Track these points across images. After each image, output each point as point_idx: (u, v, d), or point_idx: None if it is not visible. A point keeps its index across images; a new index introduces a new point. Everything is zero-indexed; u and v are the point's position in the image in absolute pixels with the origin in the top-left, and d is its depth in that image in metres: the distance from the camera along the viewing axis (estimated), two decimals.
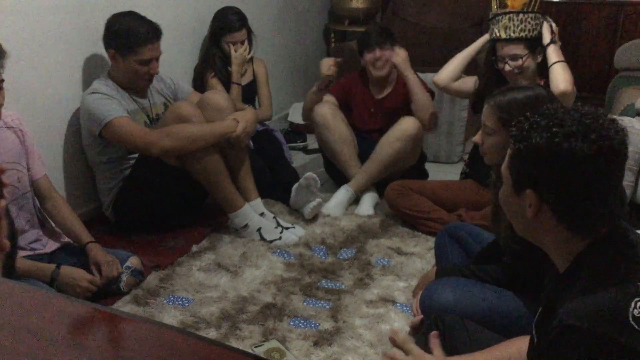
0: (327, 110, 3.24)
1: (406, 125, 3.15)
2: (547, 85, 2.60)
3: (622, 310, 1.09)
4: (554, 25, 2.74)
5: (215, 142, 2.72)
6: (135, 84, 2.78)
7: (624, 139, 1.17)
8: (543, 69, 2.69)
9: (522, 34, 2.66)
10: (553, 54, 2.66)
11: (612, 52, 4.27)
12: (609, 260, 1.19)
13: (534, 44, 2.69)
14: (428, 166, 3.52)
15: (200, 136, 2.67)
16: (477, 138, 2.07)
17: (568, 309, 1.13)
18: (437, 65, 4.01)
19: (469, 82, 2.96)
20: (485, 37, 2.89)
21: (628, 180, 2.66)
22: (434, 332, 1.56)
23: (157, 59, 2.74)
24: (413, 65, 3.94)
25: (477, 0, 4.26)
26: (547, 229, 1.24)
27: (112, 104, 2.65)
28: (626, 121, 2.73)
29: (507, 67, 2.69)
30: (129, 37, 2.63)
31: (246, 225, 2.82)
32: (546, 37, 2.69)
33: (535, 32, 2.68)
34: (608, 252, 1.20)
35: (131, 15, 2.69)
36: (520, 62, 2.67)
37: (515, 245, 1.82)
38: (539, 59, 2.71)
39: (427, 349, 1.73)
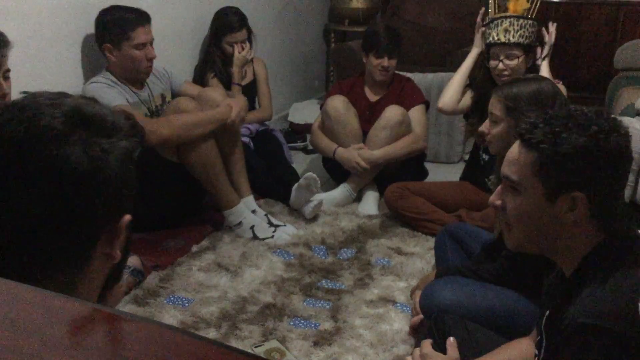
0: (341, 104, 3.24)
1: (390, 113, 3.17)
2: None
3: (632, 307, 1.10)
4: (552, 35, 2.77)
5: (212, 129, 2.73)
6: (137, 72, 2.77)
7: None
8: (532, 72, 2.71)
9: (521, 39, 2.68)
10: (545, 70, 2.73)
11: (612, 52, 4.27)
12: (616, 259, 1.20)
13: (529, 49, 2.73)
14: (428, 166, 3.52)
15: (196, 123, 2.68)
16: (483, 127, 2.11)
17: (579, 308, 1.14)
18: (437, 65, 4.02)
19: (467, 97, 2.97)
20: (476, 52, 2.89)
21: (628, 180, 2.66)
22: (452, 339, 1.57)
23: (151, 44, 2.75)
24: (413, 65, 3.96)
25: (477, 0, 4.26)
26: (574, 230, 1.23)
27: (112, 92, 2.66)
28: (626, 121, 2.73)
29: (501, 65, 2.70)
30: (120, 24, 2.67)
31: (240, 223, 2.83)
32: (545, 50, 2.76)
33: (531, 40, 2.72)
34: (615, 251, 1.21)
35: (116, 6, 2.73)
36: (515, 61, 2.70)
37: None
38: (530, 62, 2.76)
39: None
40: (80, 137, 0.79)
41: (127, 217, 0.86)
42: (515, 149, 1.28)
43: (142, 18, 2.71)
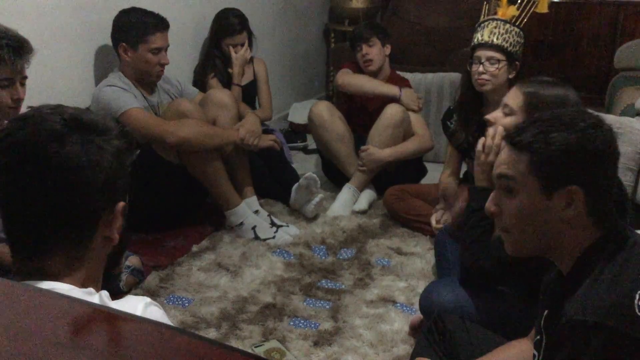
0: (324, 109, 3.27)
1: (391, 111, 3.19)
2: None
3: (628, 303, 1.10)
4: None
5: (221, 146, 2.79)
6: (149, 75, 2.79)
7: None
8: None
9: (505, 43, 2.59)
10: None
11: (612, 52, 4.27)
12: (612, 256, 1.20)
13: (512, 57, 2.59)
14: (428, 166, 3.52)
15: (214, 134, 2.75)
16: (492, 116, 2.02)
17: (575, 305, 1.14)
18: (437, 65, 4.02)
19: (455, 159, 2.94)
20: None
21: (628, 180, 2.65)
22: None
23: (165, 50, 2.78)
24: (413, 65, 3.96)
25: (477, 0, 4.26)
26: (572, 228, 1.24)
27: (128, 96, 2.68)
28: (626, 121, 2.73)
29: (481, 68, 2.55)
30: (140, 27, 2.70)
31: (241, 224, 2.84)
32: None
33: (515, 49, 2.61)
34: (610, 248, 1.22)
35: (137, 9, 2.77)
36: (495, 67, 2.54)
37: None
38: (513, 74, 2.60)
39: (428, 349, 1.74)
40: (78, 137, 0.96)
41: (122, 204, 1.02)
42: (505, 154, 1.29)
43: (162, 24, 2.76)
